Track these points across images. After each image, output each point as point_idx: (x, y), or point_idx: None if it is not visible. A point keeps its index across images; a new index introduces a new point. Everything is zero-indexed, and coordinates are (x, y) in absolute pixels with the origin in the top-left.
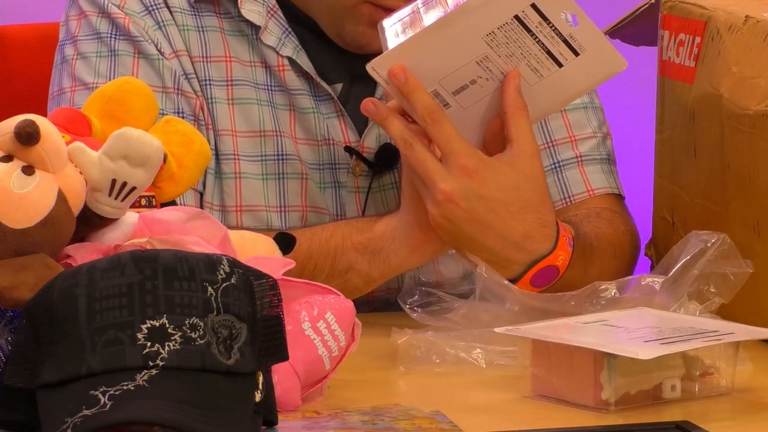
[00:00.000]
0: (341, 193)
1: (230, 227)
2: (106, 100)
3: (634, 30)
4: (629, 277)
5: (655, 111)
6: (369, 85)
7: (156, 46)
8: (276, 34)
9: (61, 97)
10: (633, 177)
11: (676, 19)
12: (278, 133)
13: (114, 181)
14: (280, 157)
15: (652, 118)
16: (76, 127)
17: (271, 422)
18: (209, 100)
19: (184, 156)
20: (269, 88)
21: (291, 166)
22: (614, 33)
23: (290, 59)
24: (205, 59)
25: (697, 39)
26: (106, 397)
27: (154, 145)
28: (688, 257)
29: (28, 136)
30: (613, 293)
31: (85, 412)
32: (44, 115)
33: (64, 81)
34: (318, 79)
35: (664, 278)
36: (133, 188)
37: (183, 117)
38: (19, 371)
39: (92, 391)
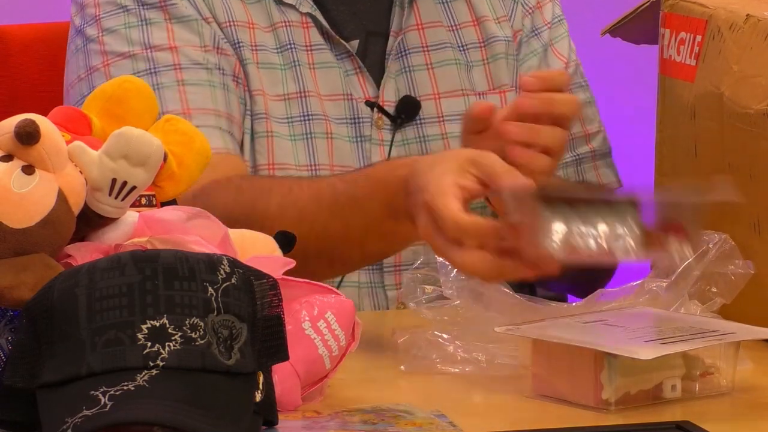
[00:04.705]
0: (366, 146)
1: None
2: (106, 98)
3: (634, 28)
4: (633, 283)
5: (655, 109)
6: (382, 42)
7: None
8: None
9: (91, 76)
10: (633, 175)
11: (677, 17)
12: (303, 94)
13: (114, 181)
14: (307, 118)
15: (652, 116)
16: (77, 126)
17: (272, 422)
18: (242, 62)
19: (184, 155)
20: (292, 47)
21: (317, 125)
22: (615, 31)
23: (311, 15)
24: (232, 24)
25: (698, 37)
26: (107, 397)
27: (154, 145)
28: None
29: (28, 136)
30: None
31: (86, 412)
32: (45, 113)
33: (92, 60)
34: (337, 37)
35: (668, 282)
36: (134, 187)
37: (224, 74)
38: (19, 371)
39: (92, 392)
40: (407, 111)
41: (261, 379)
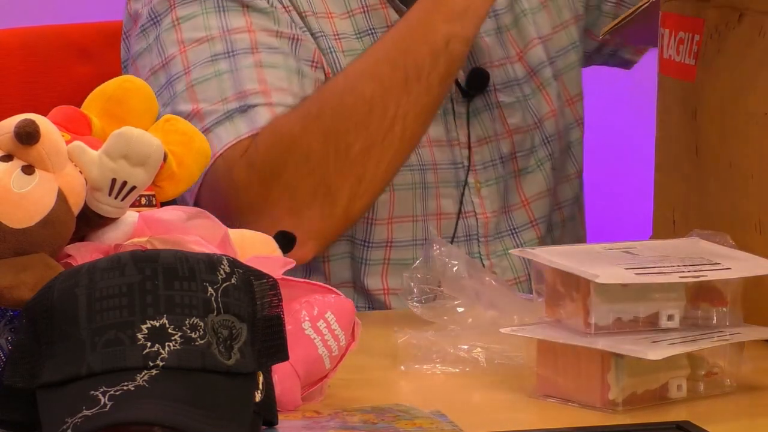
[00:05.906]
0: (448, 119)
1: None
2: (106, 98)
3: (634, 28)
4: None
5: (655, 109)
6: None
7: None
8: None
9: (168, 65)
10: (633, 175)
11: (676, 17)
12: None
13: (114, 181)
14: None
15: (652, 116)
16: (76, 126)
17: (271, 422)
18: (326, 51)
19: (184, 155)
20: (372, 31)
21: None
22: (615, 32)
23: None
24: (313, 14)
25: (697, 37)
26: (107, 397)
27: (154, 145)
28: None
29: (28, 136)
30: None
31: (86, 412)
32: (45, 114)
33: (168, 50)
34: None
35: None
36: (133, 187)
37: (299, 60)
38: (19, 371)
39: (92, 392)
40: (477, 83)
41: (261, 379)
